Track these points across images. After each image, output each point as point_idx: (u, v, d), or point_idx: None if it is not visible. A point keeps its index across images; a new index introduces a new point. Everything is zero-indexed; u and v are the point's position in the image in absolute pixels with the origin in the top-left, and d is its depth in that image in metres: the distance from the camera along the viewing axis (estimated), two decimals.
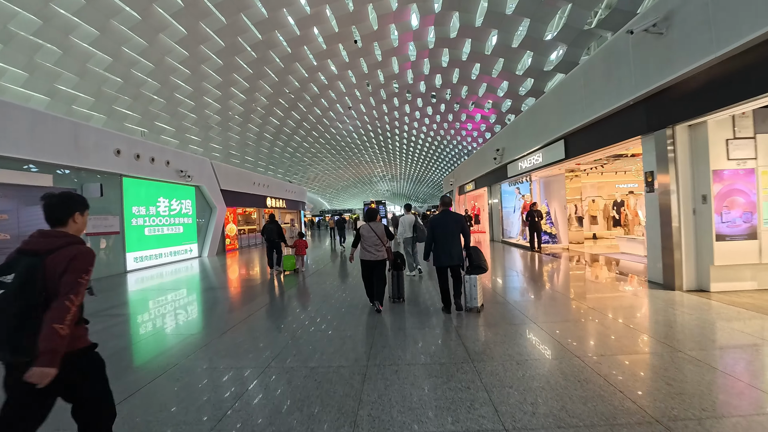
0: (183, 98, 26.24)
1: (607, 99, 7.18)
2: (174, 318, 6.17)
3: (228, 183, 17.40)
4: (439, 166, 52.45)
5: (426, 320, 4.99)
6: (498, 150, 13.32)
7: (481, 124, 31.52)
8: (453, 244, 5.05)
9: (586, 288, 6.72)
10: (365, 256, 5.45)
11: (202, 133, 31.33)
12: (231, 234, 17.74)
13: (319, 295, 7.21)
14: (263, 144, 37.05)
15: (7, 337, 1.54)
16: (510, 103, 25.04)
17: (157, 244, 13.12)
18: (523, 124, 12.02)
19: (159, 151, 13.04)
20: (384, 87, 28.74)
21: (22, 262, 1.63)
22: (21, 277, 1.58)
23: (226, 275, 11.40)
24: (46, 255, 1.66)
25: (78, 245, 1.76)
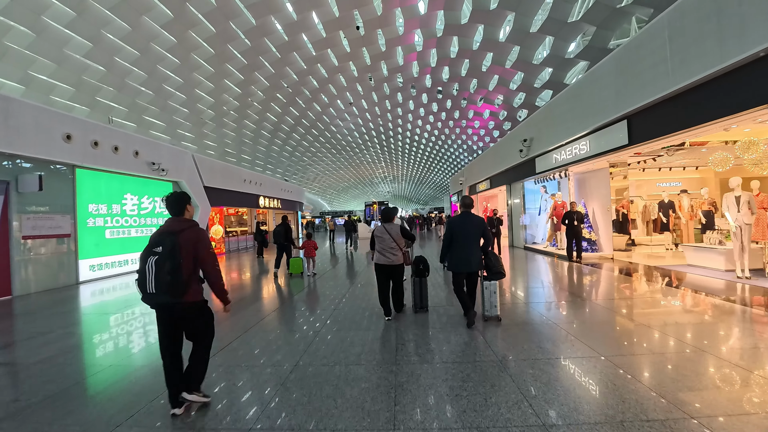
0: (173, 90, 24.04)
1: (718, 54, 4.96)
2: (127, 343, 4.62)
3: (213, 179, 15.15)
4: (443, 167, 50.23)
5: (464, 341, 3.93)
6: (525, 141, 11.09)
7: (489, 122, 29.30)
8: (473, 248, 4.55)
9: (682, 325, 4.47)
10: (380, 260, 4.85)
11: (195, 130, 29.11)
12: (217, 236, 15.48)
13: (325, 307, 6.00)
14: (261, 142, 34.82)
15: (166, 286, 2.47)
16: (523, 97, 22.81)
17: (122, 249, 10.87)
18: (561, 108, 9.74)
19: (125, 139, 10.80)
20: (387, 81, 26.53)
21: (166, 238, 2.54)
22: (167, 247, 2.50)
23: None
24: (179, 233, 2.59)
25: (195, 227, 2.75)
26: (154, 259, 2.46)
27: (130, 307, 6.88)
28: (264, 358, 3.79)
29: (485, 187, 17.06)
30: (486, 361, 3.42)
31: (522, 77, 20.98)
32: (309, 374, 3.27)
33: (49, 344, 4.52)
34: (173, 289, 2.48)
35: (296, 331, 4.70)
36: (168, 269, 2.45)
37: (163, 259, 2.45)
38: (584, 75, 8.29)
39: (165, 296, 2.48)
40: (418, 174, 58.13)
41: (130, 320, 5.89)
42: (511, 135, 13.10)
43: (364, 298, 6.41)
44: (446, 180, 57.43)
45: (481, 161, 18.12)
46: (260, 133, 32.98)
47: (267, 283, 8.78)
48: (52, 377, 3.47)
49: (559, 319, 4.75)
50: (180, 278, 2.50)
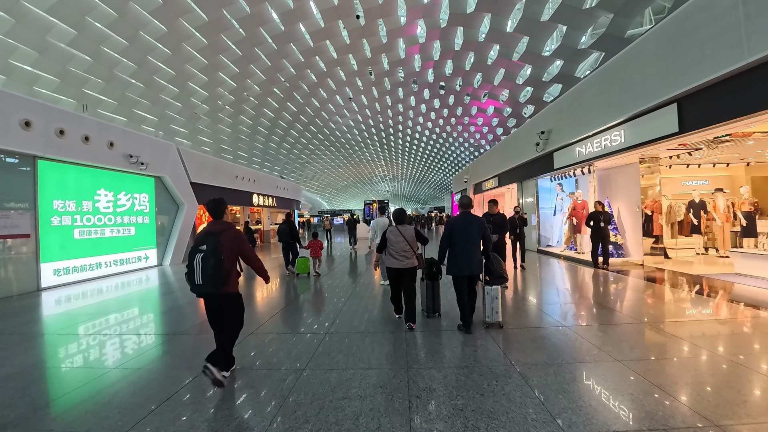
0: (164, 83, 22.78)
1: None
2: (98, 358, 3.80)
3: (201, 175, 13.92)
4: (443, 166, 49.04)
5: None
6: (542, 133, 9.90)
7: (492, 118, 28.11)
8: (473, 250, 4.26)
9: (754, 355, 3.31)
10: (392, 263, 4.58)
11: (189, 125, 27.85)
12: None
13: (331, 309, 5.71)
14: (257, 139, 33.56)
15: (210, 279, 2.86)
16: (530, 92, 21.65)
17: (94, 251, 9.65)
18: (588, 94, 8.44)
19: (97, 128, 9.57)
20: (388, 75, 25.32)
21: (209, 238, 2.93)
22: (210, 246, 2.88)
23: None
24: (220, 234, 2.97)
25: (233, 228, 3.12)
26: (200, 255, 2.89)
27: (100, 316, 5.75)
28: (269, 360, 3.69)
29: (492, 185, 15.87)
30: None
31: (529, 71, 19.81)
32: (314, 382, 3.12)
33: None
34: (215, 281, 2.90)
35: (304, 334, 4.46)
36: (211, 264, 2.85)
37: (207, 256, 2.86)
38: (620, 55, 7.09)
39: (209, 287, 2.91)
40: (418, 173, 56.94)
41: (99, 332, 4.85)
42: (525, 128, 11.90)
43: (369, 300, 6.15)
44: (446, 179, 56.24)
45: (487, 158, 16.92)
46: (257, 129, 31.73)
47: (281, 283, 8.24)
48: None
49: (585, 334, 3.64)
50: (221, 272, 2.90)
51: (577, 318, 4.78)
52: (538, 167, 11.06)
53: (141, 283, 9.17)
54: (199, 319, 5.46)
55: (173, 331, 4.87)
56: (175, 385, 3.19)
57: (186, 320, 5.43)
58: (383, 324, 4.70)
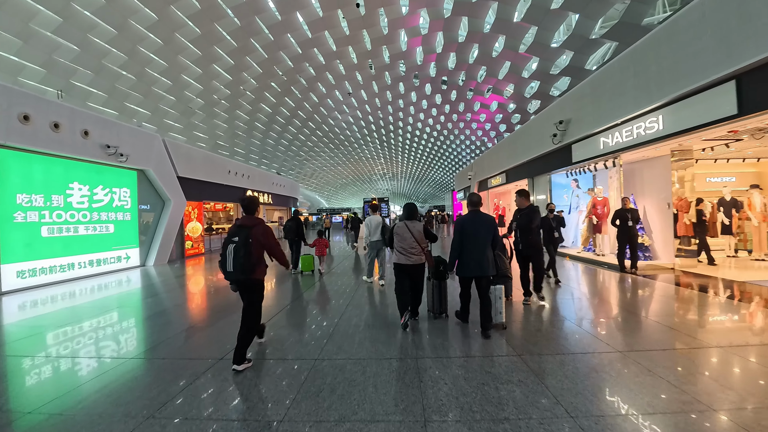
0: (157, 75, 21.76)
1: None
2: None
3: (190, 169, 12.93)
4: (444, 164, 48.10)
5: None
6: (560, 123, 8.93)
7: (496, 114, 27.15)
8: (484, 251, 4.02)
9: None
10: (400, 259, 4.35)
11: (183, 120, 26.82)
12: (194, 235, 13.28)
13: (335, 308, 5.53)
14: (255, 135, 32.54)
15: (240, 267, 3.20)
16: (536, 86, 20.68)
17: (66, 251, 8.66)
18: (617, 77, 7.31)
19: (69, 115, 8.57)
20: (389, 69, 24.33)
21: (242, 231, 3.28)
22: (242, 238, 3.23)
23: (183, 291, 7.44)
24: (252, 228, 3.32)
25: (263, 224, 3.45)
26: (232, 246, 3.26)
27: (64, 325, 4.94)
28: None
29: (499, 182, 14.92)
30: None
31: (537, 63, 18.84)
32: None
33: None
34: (244, 268, 3.26)
35: (306, 337, 4.22)
36: (242, 254, 3.23)
37: (238, 247, 3.23)
38: (659, 29, 6.11)
39: (238, 274, 3.27)
40: (418, 171, 55.98)
41: (59, 342, 4.12)
42: (539, 119, 10.94)
43: (377, 299, 6.02)
44: (446, 178, 55.30)
45: (494, 153, 15.91)
46: (254, 125, 30.71)
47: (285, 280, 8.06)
48: None
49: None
50: (250, 261, 3.28)
51: (620, 333, 3.84)
52: (553, 162, 10.11)
53: (119, 285, 8.23)
54: (182, 329, 4.68)
55: (152, 344, 4.12)
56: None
57: (166, 331, 4.60)
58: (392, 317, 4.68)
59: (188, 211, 12.91)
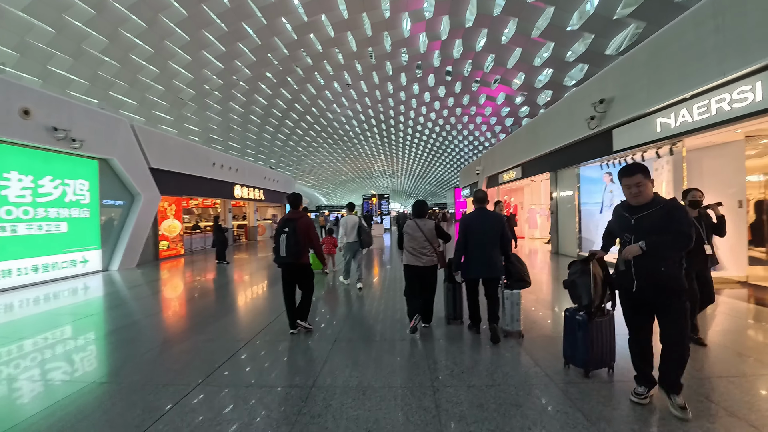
0: (142, 61, 20.07)
1: None
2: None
3: (166, 160, 11.31)
4: (445, 161, 46.42)
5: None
6: (600, 103, 7.25)
7: (503, 107, 25.47)
8: (491, 251, 3.75)
9: None
10: (410, 260, 4.09)
11: (174, 111, 25.14)
12: (171, 234, 11.67)
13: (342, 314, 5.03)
14: (250, 129, 30.86)
15: (292, 253, 3.80)
16: (549, 75, 18.98)
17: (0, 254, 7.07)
18: (688, 36, 5.51)
19: (3, 89, 6.94)
20: (390, 58, 22.63)
21: (289, 223, 3.92)
22: (291, 229, 3.86)
23: (152, 300, 6.28)
24: (297, 220, 3.94)
25: (306, 217, 4.05)
26: (284, 236, 3.89)
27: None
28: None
29: (513, 177, 13.28)
30: None
31: (551, 49, 17.16)
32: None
33: None
34: (294, 254, 3.88)
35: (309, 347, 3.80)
36: (292, 242, 3.86)
37: (289, 236, 3.87)
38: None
39: (289, 258, 3.89)
40: (419, 168, 54.30)
41: None
42: (567, 101, 9.23)
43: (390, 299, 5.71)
44: (447, 175, 53.65)
45: (507, 145, 14.16)
46: (249, 118, 29.02)
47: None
48: None
49: None
50: (298, 248, 3.89)
51: None
52: (585, 151, 8.47)
53: (73, 295, 6.74)
54: (150, 348, 3.84)
55: (111, 367, 3.36)
56: None
57: (129, 350, 3.76)
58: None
59: (163, 207, 11.30)
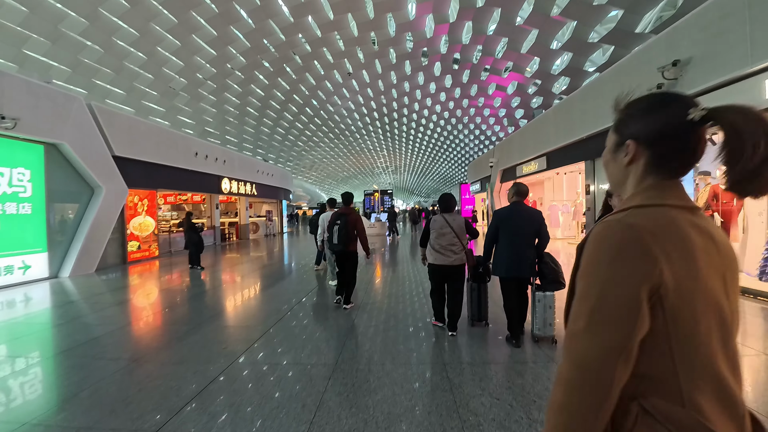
0: (128, 47, 18.38)
1: None
2: None
3: (135, 147, 9.63)
4: (449, 157, 44.59)
5: None
6: (672, 67, 5.44)
7: (513, 98, 23.64)
8: (524, 249, 3.40)
9: None
10: (436, 259, 3.76)
11: (165, 102, 23.47)
12: (144, 233, 10.02)
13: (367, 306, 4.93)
14: (247, 122, 29.18)
15: (342, 241, 4.56)
16: (568, 60, 17.15)
17: None
18: None
19: None
20: (394, 43, 20.83)
21: (342, 217, 4.62)
22: (343, 222, 4.57)
23: (110, 315, 5.04)
24: (348, 215, 4.62)
25: (355, 213, 4.75)
26: (337, 227, 4.60)
27: None
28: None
29: (534, 169, 11.46)
30: None
31: (571, 30, 15.32)
32: None
33: None
34: (345, 243, 4.59)
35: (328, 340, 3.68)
36: (344, 233, 4.56)
37: (341, 228, 4.58)
38: None
39: (342, 246, 4.61)
40: (422, 164, 52.47)
41: None
42: (614, 72, 7.24)
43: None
44: (451, 171, 51.81)
45: (528, 133, 12.16)
46: (245, 110, 27.33)
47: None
48: None
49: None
50: (348, 238, 4.58)
51: None
52: None
53: (5, 310, 5.12)
54: (103, 377, 2.93)
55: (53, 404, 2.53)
56: None
57: (75, 378, 2.91)
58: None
59: (133, 202, 9.64)
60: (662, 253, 0.60)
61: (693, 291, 0.60)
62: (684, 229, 0.62)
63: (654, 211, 0.65)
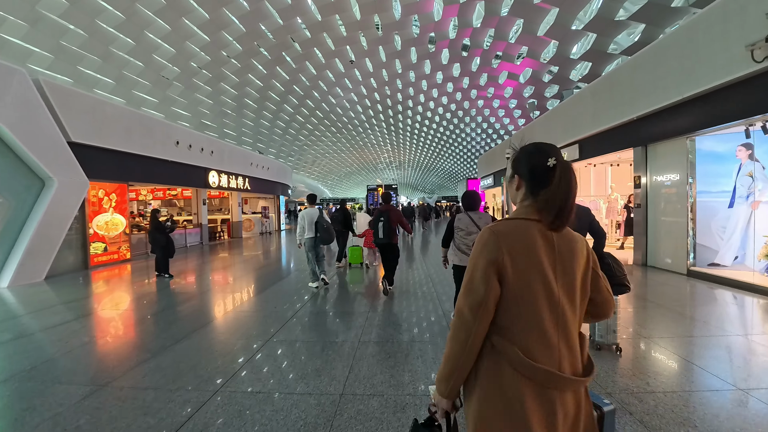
0: (112, 30, 16.90)
1: None
2: None
3: (99, 133, 8.16)
4: (455, 152, 42.87)
5: None
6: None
7: (525, 87, 21.94)
8: None
9: None
10: (462, 260, 3.52)
11: (158, 92, 22.01)
12: (112, 233, 8.58)
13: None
14: (246, 114, 27.69)
15: (386, 234, 5.27)
16: (591, 41, 15.42)
17: None
18: None
19: None
20: (399, 28, 19.18)
21: (385, 213, 5.28)
22: (386, 217, 5.25)
23: (56, 336, 3.78)
24: (389, 212, 5.31)
25: (395, 209, 5.50)
26: (381, 222, 5.18)
27: None
28: None
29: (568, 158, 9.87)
30: None
31: (598, 6, 13.62)
32: None
33: None
34: (389, 236, 5.22)
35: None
36: (387, 227, 5.17)
37: (385, 223, 5.18)
38: None
39: (386, 239, 5.24)
40: (427, 160, 50.76)
41: None
42: (679, 34, 5.70)
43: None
44: (457, 167, 50.10)
45: (554, 119, 10.25)
46: (243, 102, 25.82)
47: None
48: None
49: None
50: (392, 231, 5.22)
51: None
52: (719, 108, 5.10)
53: None
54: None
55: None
56: None
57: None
58: None
59: (98, 197, 8.20)
60: (506, 247, 0.93)
61: (526, 272, 0.92)
62: (530, 233, 0.95)
63: (516, 221, 0.99)
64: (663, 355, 3.16)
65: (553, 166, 0.94)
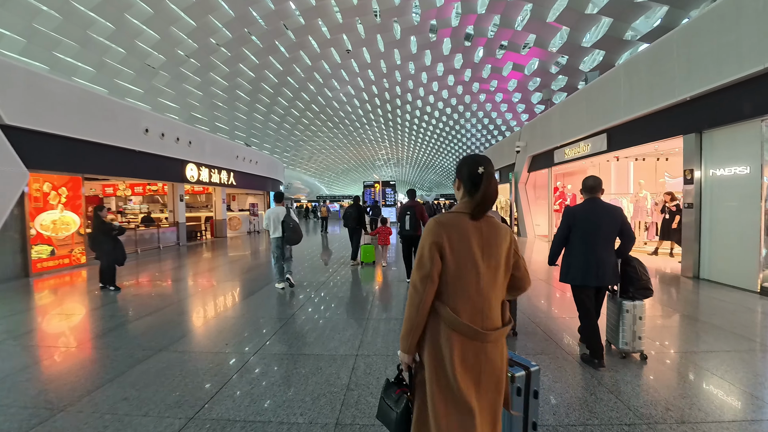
0: (92, 14, 15.45)
1: None
2: None
3: (45, 116, 6.80)
4: (454, 149, 41.56)
5: None
6: None
7: (531, 80, 20.65)
8: (603, 251, 2.71)
9: None
10: None
11: (143, 82, 20.53)
12: (61, 234, 7.25)
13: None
14: (238, 107, 26.24)
15: (412, 228, 5.66)
16: (606, 26, 14.14)
17: None
18: None
19: None
20: (399, 14, 17.83)
21: (410, 209, 5.67)
22: (412, 212, 5.65)
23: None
24: (414, 207, 5.67)
25: (419, 204, 5.82)
26: (408, 216, 5.55)
27: None
28: None
29: (585, 152, 8.41)
30: None
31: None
32: None
33: None
34: (413, 228, 5.53)
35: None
36: (413, 220, 5.53)
37: (411, 216, 5.52)
38: None
39: (411, 231, 5.55)
40: (425, 157, 49.42)
41: None
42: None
43: None
44: (455, 165, 48.79)
45: (575, 104, 8.78)
46: (234, 93, 24.37)
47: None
48: None
49: None
50: (416, 224, 5.55)
51: None
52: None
53: None
54: None
55: None
56: None
57: None
58: None
59: (42, 191, 6.86)
60: (445, 233, 1.21)
61: (459, 251, 1.20)
62: (464, 223, 1.23)
63: (454, 214, 1.26)
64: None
65: (481, 174, 1.24)
